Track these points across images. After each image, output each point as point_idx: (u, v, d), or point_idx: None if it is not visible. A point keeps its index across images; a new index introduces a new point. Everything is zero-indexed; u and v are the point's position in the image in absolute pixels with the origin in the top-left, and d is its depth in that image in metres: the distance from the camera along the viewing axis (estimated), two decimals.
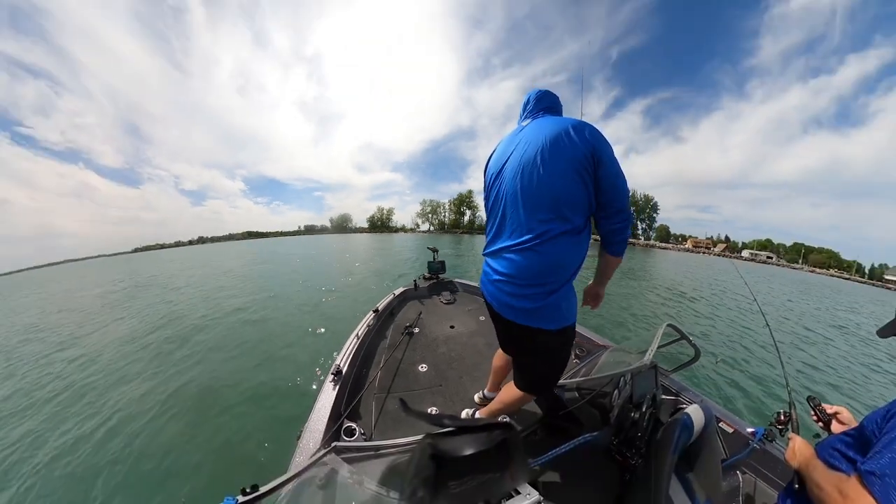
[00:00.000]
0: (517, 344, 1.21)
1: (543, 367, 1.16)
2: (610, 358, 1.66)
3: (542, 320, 1.03)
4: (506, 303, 1.07)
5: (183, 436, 2.83)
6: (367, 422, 1.61)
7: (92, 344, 5.87)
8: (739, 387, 3.74)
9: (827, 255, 79.03)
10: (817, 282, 30.41)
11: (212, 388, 3.63)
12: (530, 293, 1.01)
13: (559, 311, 1.03)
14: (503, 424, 0.72)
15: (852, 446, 0.68)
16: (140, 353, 5.06)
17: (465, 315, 3.10)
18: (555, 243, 0.96)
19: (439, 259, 4.16)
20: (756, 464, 1.27)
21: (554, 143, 0.94)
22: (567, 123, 0.96)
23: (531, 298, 1.01)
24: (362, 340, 2.27)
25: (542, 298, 1.00)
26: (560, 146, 0.93)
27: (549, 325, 1.03)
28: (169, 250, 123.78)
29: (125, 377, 4.18)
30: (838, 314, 10.30)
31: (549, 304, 1.01)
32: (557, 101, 1.17)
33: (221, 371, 4.09)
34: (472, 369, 2.14)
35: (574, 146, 0.92)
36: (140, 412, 3.25)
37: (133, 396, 3.61)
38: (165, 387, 3.75)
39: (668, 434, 0.97)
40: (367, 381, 1.94)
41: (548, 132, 0.97)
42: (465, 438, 0.69)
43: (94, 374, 4.39)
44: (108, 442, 2.84)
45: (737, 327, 6.57)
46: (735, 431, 1.39)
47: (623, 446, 1.10)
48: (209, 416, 3.10)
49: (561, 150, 0.93)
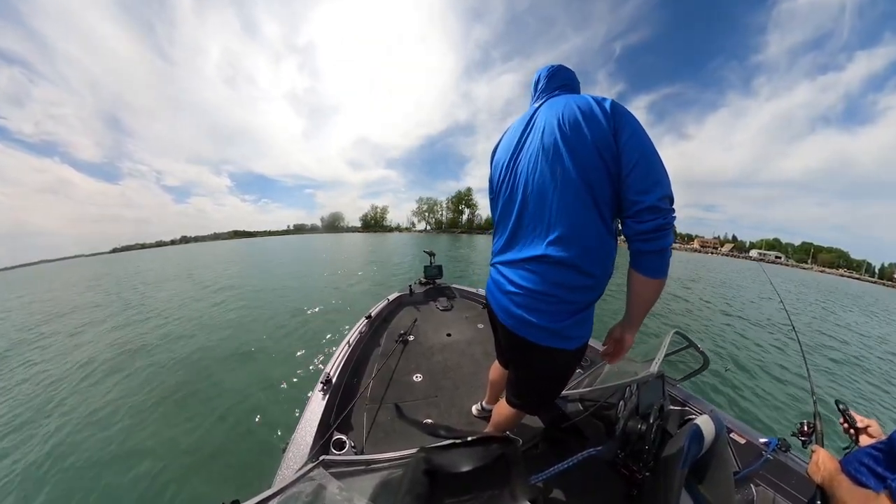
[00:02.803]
0: (523, 361, 1.08)
1: (546, 385, 1.09)
2: (615, 368, 1.66)
3: (563, 340, 0.91)
4: (522, 318, 0.93)
5: (157, 448, 2.78)
6: (358, 434, 1.59)
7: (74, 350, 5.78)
8: (754, 395, 3.76)
9: (836, 255, 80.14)
10: (829, 282, 30.75)
11: (188, 397, 3.59)
12: (556, 310, 0.88)
13: (580, 329, 0.91)
14: (502, 438, 0.71)
15: (881, 461, 0.67)
16: (113, 361, 4.99)
17: (463, 322, 3.08)
18: (590, 251, 0.83)
19: (436, 263, 4.15)
20: (770, 476, 1.27)
21: (575, 125, 0.81)
22: (587, 99, 0.84)
23: (556, 317, 0.88)
24: (354, 348, 2.25)
25: (569, 316, 0.88)
26: (583, 128, 0.80)
27: (569, 344, 0.91)
28: (151, 250, 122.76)
29: (97, 382, 4.12)
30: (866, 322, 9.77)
31: (574, 323, 0.89)
32: (574, 78, 1.02)
33: (199, 379, 4.05)
34: (469, 379, 2.12)
35: (598, 126, 0.78)
36: (112, 421, 3.21)
37: (100, 404, 3.56)
38: (138, 395, 3.70)
39: (677, 446, 0.96)
40: (358, 390, 1.93)
41: (567, 113, 0.84)
42: (462, 452, 0.68)
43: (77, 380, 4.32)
44: (70, 454, 2.79)
45: (751, 332, 6.62)
46: (747, 442, 1.39)
47: (629, 460, 1.09)
48: (186, 426, 3.05)
49: (584, 134, 0.79)
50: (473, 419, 1.76)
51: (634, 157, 0.75)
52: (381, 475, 1.05)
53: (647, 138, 0.78)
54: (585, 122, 0.80)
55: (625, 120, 0.79)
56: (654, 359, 1.34)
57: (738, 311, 8.60)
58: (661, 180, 0.74)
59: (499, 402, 1.29)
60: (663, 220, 0.73)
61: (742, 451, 1.38)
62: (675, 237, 0.73)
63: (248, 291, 9.98)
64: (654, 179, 0.74)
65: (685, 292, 11.39)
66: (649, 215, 0.73)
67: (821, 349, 6.17)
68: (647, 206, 0.73)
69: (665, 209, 0.73)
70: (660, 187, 0.74)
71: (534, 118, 0.95)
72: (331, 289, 9.67)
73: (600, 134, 0.78)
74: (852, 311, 11.97)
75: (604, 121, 0.79)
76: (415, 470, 0.64)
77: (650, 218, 0.73)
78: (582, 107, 0.83)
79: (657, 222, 0.73)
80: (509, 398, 1.18)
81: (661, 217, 0.73)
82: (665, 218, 0.73)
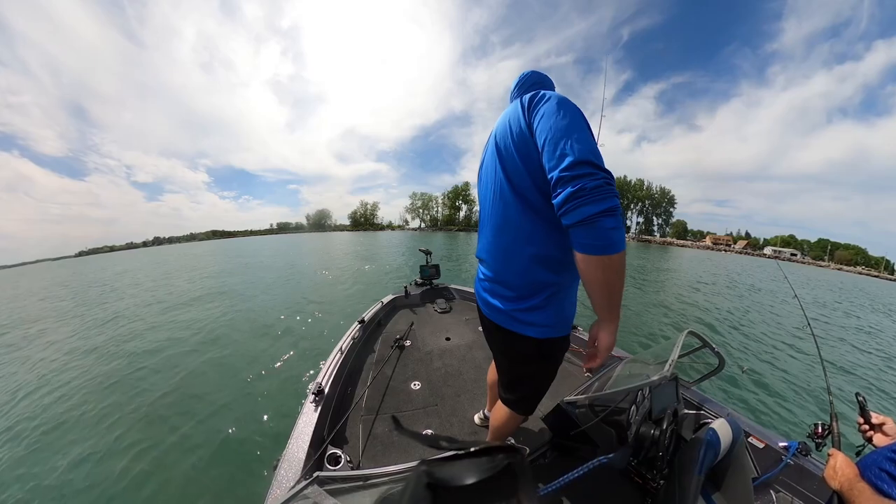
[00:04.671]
0: (498, 347, 1.21)
1: (525, 371, 1.15)
2: (625, 370, 1.68)
3: (524, 326, 1.00)
4: (488, 303, 1.10)
5: (138, 465, 2.75)
6: (354, 447, 1.60)
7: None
8: (772, 396, 3.81)
9: (854, 252, 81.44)
10: (848, 281, 31.18)
11: (169, 413, 3.56)
12: (513, 296, 1.01)
13: (537, 315, 0.98)
14: (508, 447, 0.71)
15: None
16: (89, 371, 4.93)
17: (463, 325, 3.10)
18: (517, 238, 0.95)
19: (433, 263, 4.15)
20: (791, 481, 1.29)
21: (504, 137, 0.92)
22: (517, 103, 0.91)
23: (513, 301, 1.01)
24: (347, 355, 2.24)
25: (523, 301, 0.99)
26: (508, 139, 0.90)
27: (531, 331, 1.00)
28: (120, 253, 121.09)
29: (64, 396, 4.07)
30: None
31: (529, 308, 0.98)
32: (544, 80, 1.09)
33: (180, 398, 4.01)
34: (470, 386, 2.14)
35: (518, 128, 0.87)
36: (91, 434, 3.17)
37: (80, 419, 3.52)
38: (108, 414, 3.66)
39: (693, 452, 0.98)
40: (352, 401, 1.93)
41: (500, 127, 0.96)
42: (466, 464, 0.68)
43: None
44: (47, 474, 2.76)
45: (767, 330, 6.71)
46: (766, 446, 1.41)
47: (643, 467, 1.11)
48: (169, 440, 3.03)
49: (510, 144, 0.89)
50: (477, 428, 1.77)
51: (543, 138, 0.77)
52: (380, 491, 1.06)
53: (560, 114, 0.77)
54: (511, 131, 0.89)
55: (538, 107, 0.82)
56: (667, 360, 1.35)
57: (759, 308, 8.72)
58: (569, 149, 0.71)
59: (496, 404, 1.33)
60: (573, 187, 0.68)
61: (761, 455, 1.41)
62: (607, 202, 0.67)
63: (228, 298, 9.91)
64: (562, 150, 0.72)
65: (694, 293, 11.49)
66: (560, 186, 0.71)
67: (840, 346, 6.28)
68: (556, 179, 0.72)
69: (576, 175, 0.69)
70: (567, 156, 0.71)
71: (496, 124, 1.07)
72: (319, 292, 9.64)
73: (520, 137, 0.86)
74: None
75: (522, 120, 0.85)
76: (416, 484, 0.64)
77: (561, 189, 0.71)
78: (511, 114, 0.91)
79: (567, 191, 0.69)
80: (501, 395, 1.26)
81: (570, 184, 0.69)
82: (576, 184, 0.68)
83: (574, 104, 0.82)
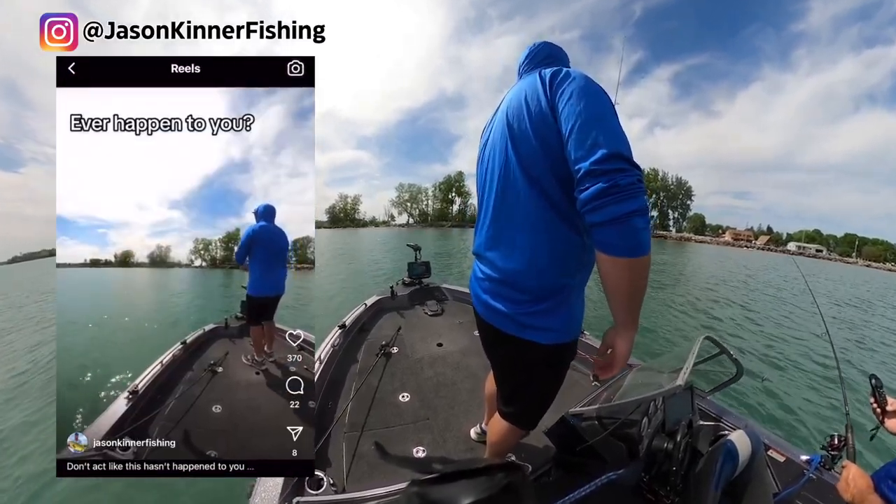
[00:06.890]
0: (497, 355, 1.21)
1: (526, 381, 1.15)
2: (637, 379, 1.70)
3: (530, 331, 0.99)
4: (488, 305, 1.08)
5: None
6: (338, 469, 1.60)
7: None
8: (795, 407, 3.92)
9: (883, 248, 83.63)
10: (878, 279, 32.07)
11: None
12: (518, 298, 1.00)
13: (546, 319, 0.97)
14: (508, 465, 0.71)
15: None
16: None
17: (456, 329, 3.10)
18: (531, 233, 0.93)
19: (423, 259, 4.15)
20: (813, 496, 1.33)
21: (518, 115, 0.90)
22: (535, 77, 0.90)
23: (519, 305, 0.99)
24: (326, 365, 2.24)
25: (531, 305, 0.98)
26: (524, 118, 0.88)
27: (538, 336, 0.98)
28: None
29: None
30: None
31: (535, 312, 0.97)
32: (558, 53, 1.09)
33: None
34: (466, 397, 2.14)
35: (538, 107, 0.85)
36: None
37: None
38: None
39: (709, 466, 1.00)
40: (334, 416, 1.92)
41: (514, 102, 0.93)
42: (462, 484, 0.68)
43: None
44: None
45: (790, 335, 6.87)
46: (787, 460, 1.45)
47: (655, 483, 1.13)
48: None
49: (525, 123, 0.88)
50: (473, 444, 1.78)
51: (570, 124, 0.76)
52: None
53: (590, 99, 0.78)
54: (528, 108, 0.87)
55: (563, 86, 0.81)
56: (681, 368, 1.37)
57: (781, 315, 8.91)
58: (601, 140, 0.71)
59: (493, 417, 1.33)
60: (605, 183, 0.68)
61: (781, 469, 1.44)
62: (638, 201, 0.68)
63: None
64: (593, 141, 0.72)
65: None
66: (589, 180, 0.71)
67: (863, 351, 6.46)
68: (586, 172, 0.71)
69: (608, 170, 0.69)
70: (600, 148, 0.70)
71: (502, 101, 1.04)
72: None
73: (539, 117, 0.85)
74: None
75: (543, 98, 0.84)
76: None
77: (590, 183, 0.70)
78: (528, 89, 0.90)
79: (598, 186, 0.69)
80: (500, 408, 1.26)
81: (602, 179, 0.68)
82: (609, 180, 0.68)
83: (601, 87, 0.83)
